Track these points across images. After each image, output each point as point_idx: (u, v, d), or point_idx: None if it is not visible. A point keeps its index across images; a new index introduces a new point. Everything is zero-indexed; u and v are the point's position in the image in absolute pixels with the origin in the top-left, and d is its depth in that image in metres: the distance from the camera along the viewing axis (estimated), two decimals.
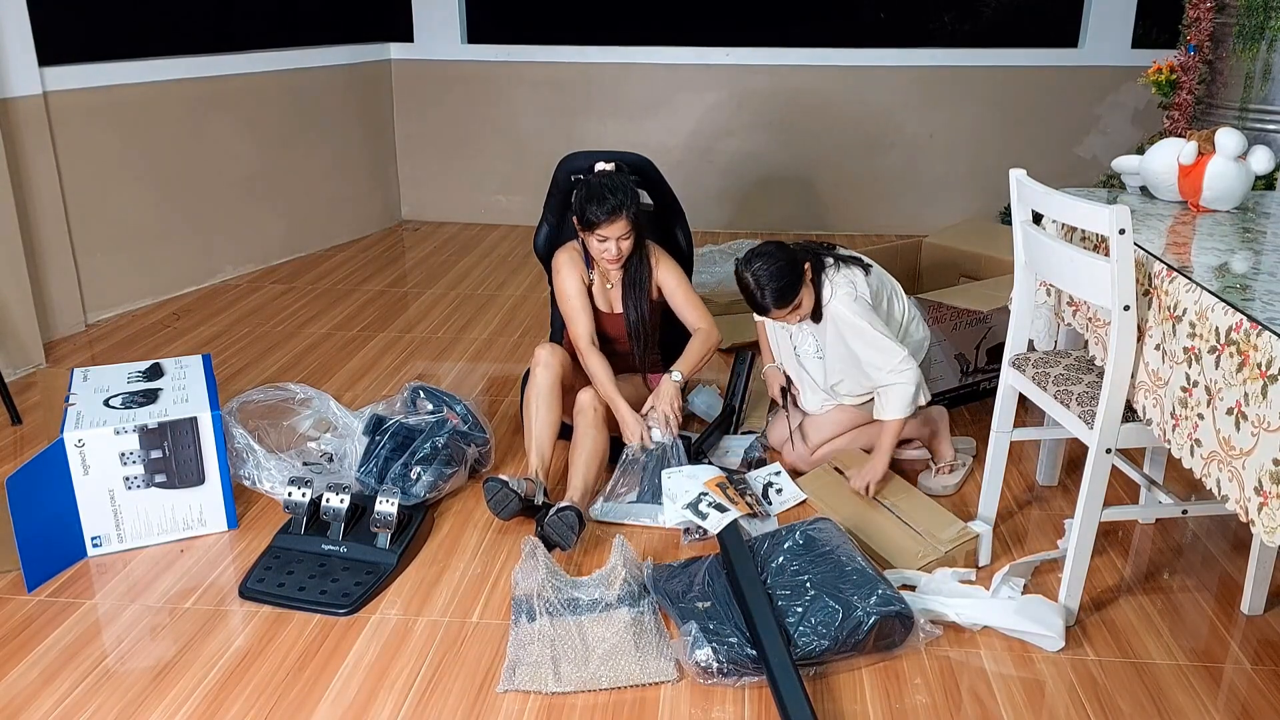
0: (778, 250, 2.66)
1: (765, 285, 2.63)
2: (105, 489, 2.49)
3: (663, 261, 2.97)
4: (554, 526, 2.46)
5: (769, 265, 2.63)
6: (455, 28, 5.79)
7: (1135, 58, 5.33)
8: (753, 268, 2.64)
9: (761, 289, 2.64)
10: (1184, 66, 4.03)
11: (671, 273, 2.97)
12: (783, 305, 2.67)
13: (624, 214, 2.75)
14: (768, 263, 2.63)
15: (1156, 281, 2.03)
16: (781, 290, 2.64)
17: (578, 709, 2.01)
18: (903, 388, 2.65)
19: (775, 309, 2.68)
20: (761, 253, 2.66)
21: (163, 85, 4.45)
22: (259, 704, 2.02)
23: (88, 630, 2.25)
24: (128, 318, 4.31)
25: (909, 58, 5.63)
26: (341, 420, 2.97)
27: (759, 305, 2.70)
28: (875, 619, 2.10)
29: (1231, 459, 1.77)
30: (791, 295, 2.66)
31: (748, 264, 2.66)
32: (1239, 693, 2.08)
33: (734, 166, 5.85)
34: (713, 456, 2.99)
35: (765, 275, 2.63)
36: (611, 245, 2.78)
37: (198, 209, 4.67)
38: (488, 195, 6.04)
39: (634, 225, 2.79)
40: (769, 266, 2.63)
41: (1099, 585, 2.43)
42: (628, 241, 2.80)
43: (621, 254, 2.82)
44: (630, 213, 2.76)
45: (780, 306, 2.67)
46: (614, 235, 2.76)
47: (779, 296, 2.65)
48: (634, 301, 2.93)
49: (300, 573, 2.43)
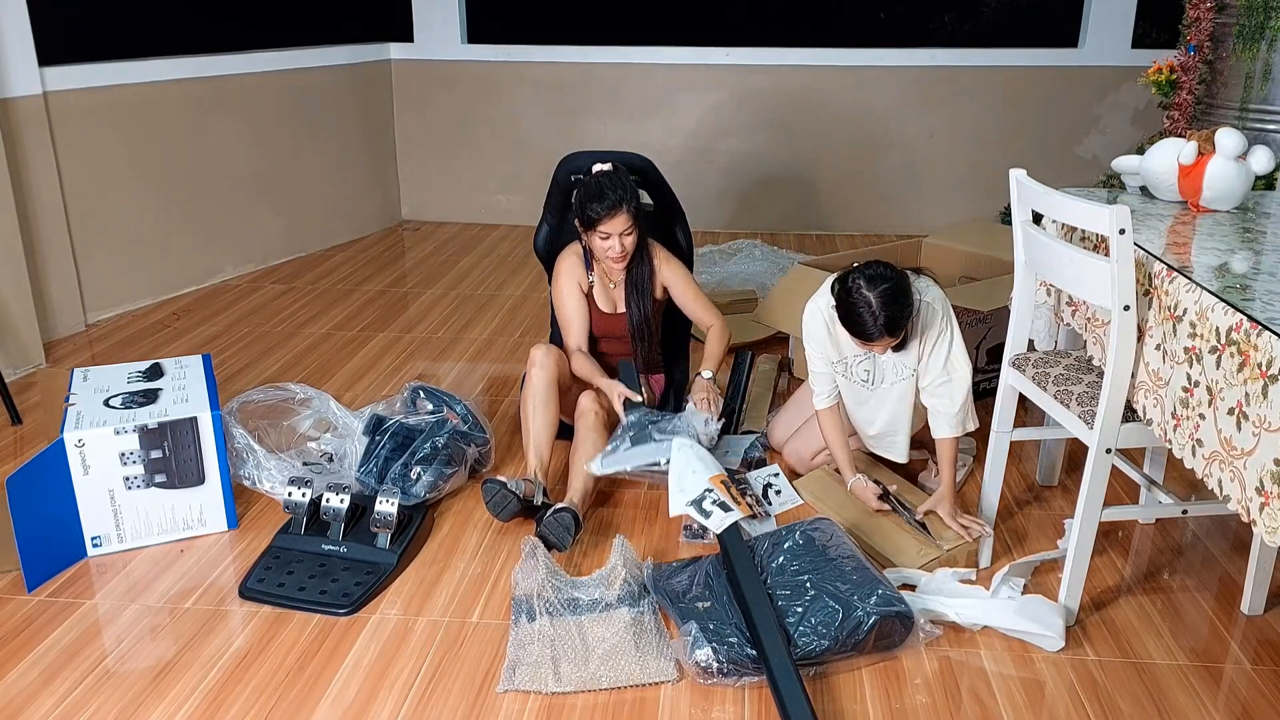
0: (899, 278, 2.39)
1: (883, 310, 2.35)
2: (105, 489, 2.49)
3: (667, 261, 2.97)
4: (550, 527, 2.46)
5: (889, 288, 2.36)
6: (455, 28, 5.79)
7: (1135, 58, 5.33)
8: (875, 288, 2.36)
9: (879, 313, 2.36)
10: (1184, 66, 4.03)
11: (677, 272, 2.97)
12: (893, 334, 2.41)
13: (624, 208, 2.74)
14: (889, 287, 2.36)
15: (1156, 281, 2.03)
16: (896, 320, 2.38)
17: (578, 709, 2.01)
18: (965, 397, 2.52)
19: (887, 336, 2.41)
20: (882, 276, 2.37)
21: (163, 85, 4.45)
22: (259, 704, 2.02)
23: (88, 630, 2.25)
24: (128, 318, 4.31)
25: (909, 58, 5.63)
26: (341, 420, 2.97)
27: (869, 330, 2.39)
28: (875, 619, 2.10)
29: (1233, 459, 1.77)
30: (903, 324, 2.42)
31: (869, 281, 2.37)
32: (1239, 693, 2.08)
33: (734, 166, 5.85)
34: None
35: (884, 300, 2.35)
36: (615, 242, 2.77)
37: (198, 209, 4.67)
38: (488, 195, 6.04)
39: (635, 221, 2.79)
40: (889, 290, 2.35)
41: (1099, 585, 2.43)
42: (631, 238, 2.79)
43: (626, 250, 2.80)
44: (631, 207, 2.76)
45: (892, 335, 2.41)
46: (616, 231, 2.75)
47: (892, 325, 2.38)
48: (637, 301, 2.92)
49: (300, 573, 2.43)
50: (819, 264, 3.74)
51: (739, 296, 4.36)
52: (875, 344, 2.45)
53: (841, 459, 2.68)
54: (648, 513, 2.76)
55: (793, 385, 3.51)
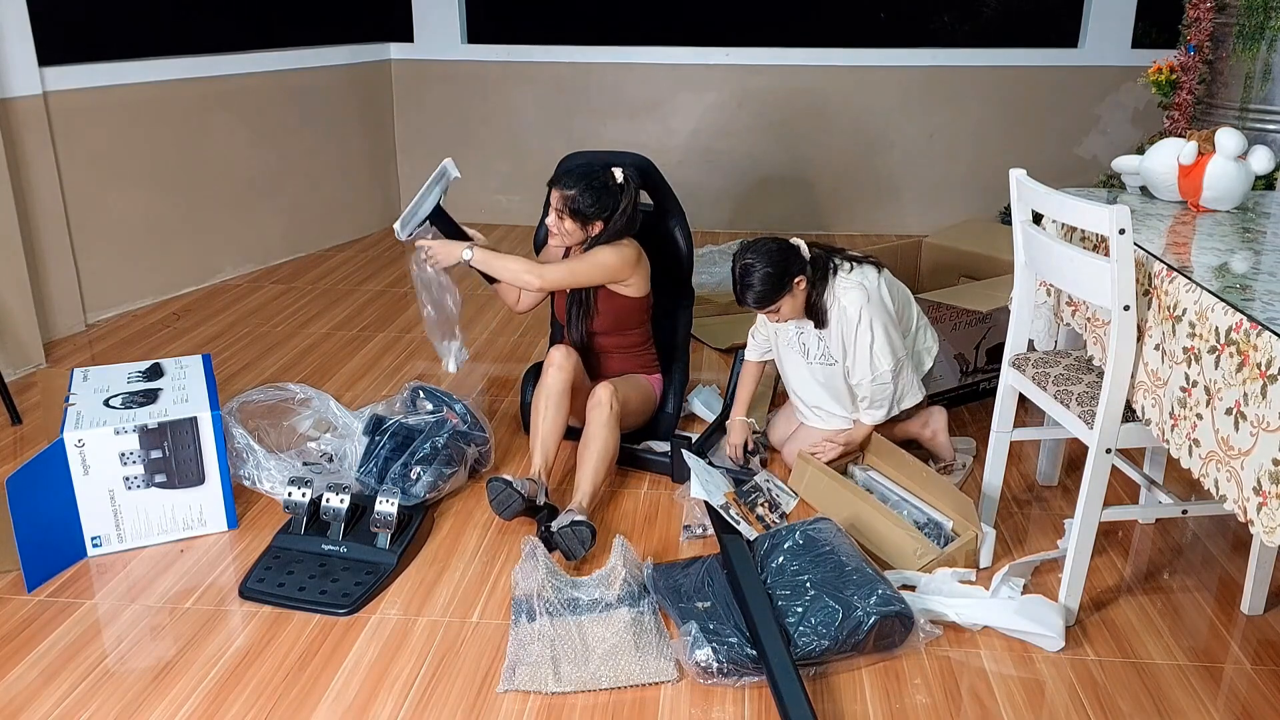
0: (775, 250, 2.66)
1: (749, 287, 2.65)
2: (105, 489, 2.49)
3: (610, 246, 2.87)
4: (565, 538, 2.45)
5: (759, 264, 2.63)
6: (455, 28, 5.79)
7: (1135, 58, 5.34)
8: (744, 259, 2.66)
9: (746, 289, 2.66)
10: (1184, 66, 4.03)
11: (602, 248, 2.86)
12: (761, 306, 2.69)
13: (562, 190, 2.80)
14: (759, 259, 2.64)
15: (1156, 281, 2.03)
16: (761, 294, 2.65)
17: (578, 709, 2.01)
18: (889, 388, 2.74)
19: (755, 307, 2.70)
20: (758, 248, 2.66)
21: (163, 85, 4.45)
22: (259, 704, 2.02)
23: (88, 630, 2.25)
24: (128, 318, 4.31)
25: (909, 58, 5.63)
26: (341, 420, 2.97)
27: (738, 298, 2.70)
28: (875, 619, 2.10)
29: (1230, 459, 1.77)
30: (772, 298, 2.66)
31: (742, 253, 2.68)
32: (1239, 693, 2.08)
33: (734, 166, 5.85)
34: (713, 456, 2.99)
35: (755, 276, 2.64)
36: (552, 214, 2.85)
37: (198, 209, 4.67)
38: (488, 195, 6.04)
39: (574, 212, 2.80)
40: (759, 265, 2.63)
41: (1099, 585, 2.43)
42: (563, 223, 2.83)
43: (556, 226, 2.85)
44: (569, 198, 2.78)
45: (759, 307, 2.69)
46: (553, 206, 2.84)
47: (759, 299, 2.66)
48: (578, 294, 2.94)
49: (300, 573, 2.43)
50: None
51: None
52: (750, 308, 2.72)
53: (740, 399, 3.00)
54: (648, 513, 2.76)
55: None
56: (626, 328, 2.99)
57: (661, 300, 3.10)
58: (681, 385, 3.15)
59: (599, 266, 2.84)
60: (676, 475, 2.88)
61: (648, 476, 2.95)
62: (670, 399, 3.09)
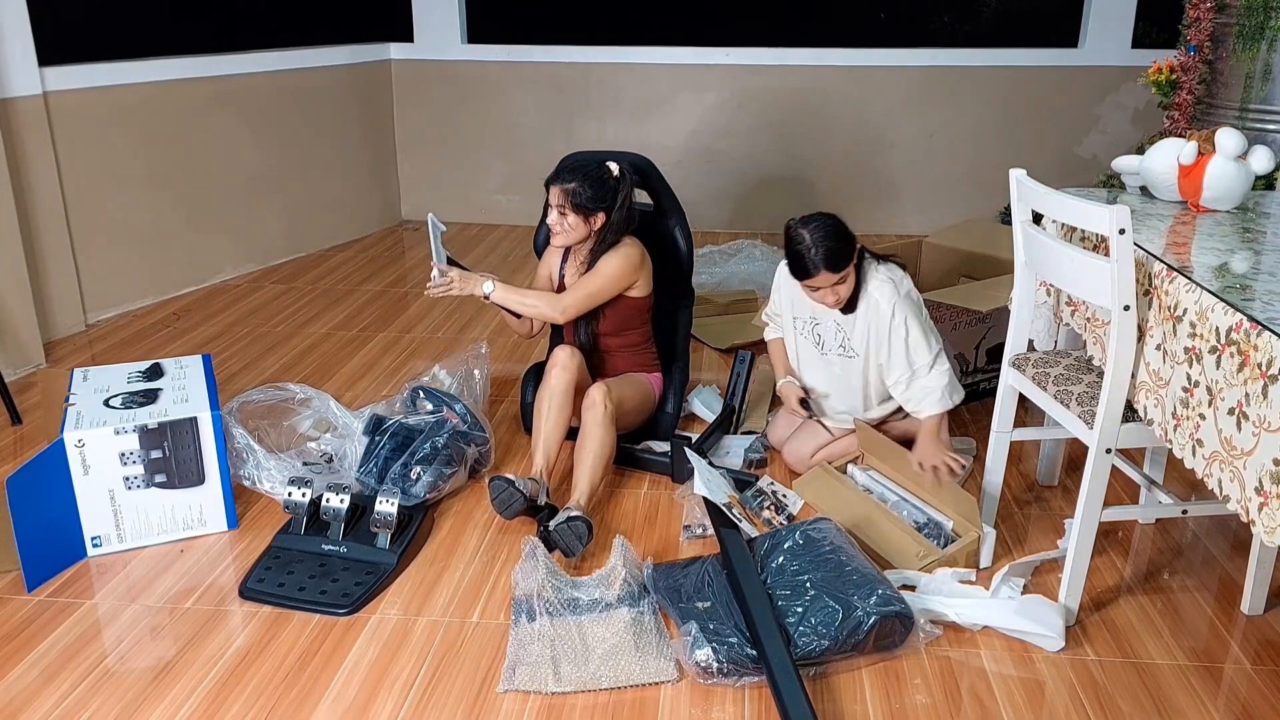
0: (835, 219, 2.63)
1: (819, 244, 2.57)
2: (105, 489, 2.49)
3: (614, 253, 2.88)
4: (563, 535, 2.45)
5: (825, 224, 2.59)
6: (455, 28, 5.79)
7: (1135, 58, 5.33)
8: (809, 225, 2.60)
9: (815, 246, 2.57)
10: (1184, 66, 4.03)
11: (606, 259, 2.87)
12: (833, 269, 2.59)
13: (561, 185, 2.80)
14: (824, 223, 2.60)
15: (1156, 281, 2.03)
16: (834, 252, 2.58)
17: (578, 709, 2.01)
18: (937, 380, 2.68)
19: (825, 269, 2.59)
20: (817, 216, 2.62)
21: (162, 85, 4.45)
22: (259, 704, 2.02)
23: (88, 630, 2.25)
24: (128, 318, 4.31)
25: (909, 58, 5.63)
26: (341, 420, 2.97)
27: (807, 264, 2.60)
28: (875, 619, 2.10)
29: (1233, 459, 1.77)
30: (844, 261, 2.60)
31: (804, 222, 2.61)
32: (1239, 693, 2.08)
33: (734, 166, 5.85)
34: (713, 456, 2.99)
35: (821, 234, 2.58)
36: (553, 212, 2.85)
37: (198, 209, 4.67)
38: (488, 195, 6.04)
39: (575, 206, 2.80)
40: (825, 225, 2.59)
41: (1099, 585, 2.43)
42: (565, 219, 2.83)
43: (559, 224, 2.84)
44: (569, 192, 2.79)
45: (830, 269, 2.59)
46: (554, 203, 2.83)
47: (831, 258, 2.58)
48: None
49: (300, 573, 2.43)
50: None
51: (739, 296, 4.36)
52: (815, 283, 2.63)
53: (779, 366, 2.99)
54: (648, 513, 2.76)
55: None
56: (630, 327, 3.00)
57: (661, 300, 3.11)
58: (681, 385, 3.15)
59: (610, 279, 2.86)
60: (677, 475, 2.88)
61: (648, 476, 2.95)
62: (670, 399, 3.09)
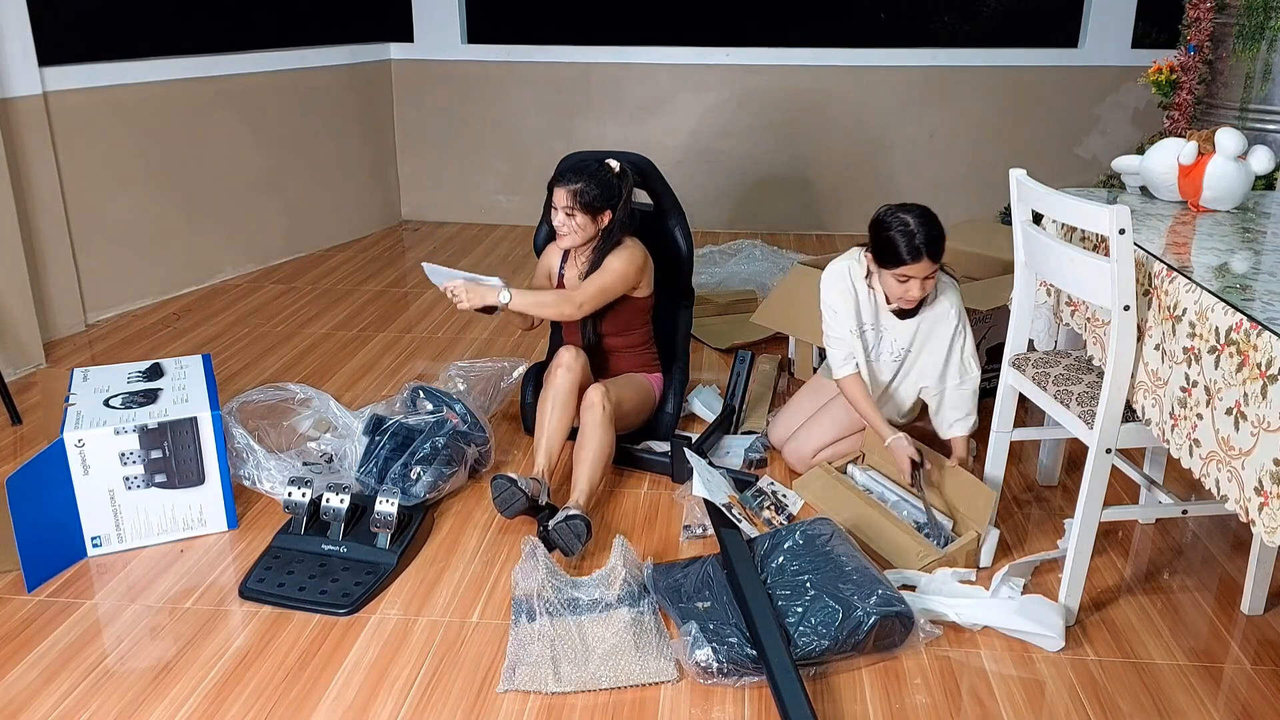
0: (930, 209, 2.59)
1: (923, 228, 2.51)
2: (105, 489, 2.49)
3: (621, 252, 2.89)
4: (561, 534, 2.45)
5: (927, 212, 2.56)
6: (455, 28, 5.79)
7: (1135, 58, 5.33)
8: (911, 212, 2.55)
9: (920, 231, 2.51)
10: (1184, 66, 4.03)
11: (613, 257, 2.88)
12: (934, 257, 2.55)
13: (567, 187, 2.78)
14: (926, 211, 2.56)
15: (1156, 281, 2.03)
16: (938, 239, 2.54)
17: (578, 709, 2.01)
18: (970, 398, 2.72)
19: (928, 257, 2.53)
20: (914, 205, 2.58)
21: (162, 85, 4.45)
22: (259, 704, 2.02)
23: (88, 630, 2.25)
24: (128, 318, 4.31)
25: (909, 58, 5.63)
26: (341, 420, 2.97)
27: (911, 249, 2.52)
28: (875, 619, 2.10)
29: (1231, 459, 1.77)
30: (942, 251, 2.57)
31: (903, 209, 2.56)
32: (1239, 693, 2.08)
33: (734, 166, 5.85)
34: (713, 456, 2.99)
35: (924, 220, 2.54)
36: (560, 214, 2.83)
37: (198, 209, 4.67)
38: (488, 195, 6.04)
39: (583, 206, 2.79)
40: (928, 213, 2.56)
41: (1099, 585, 2.43)
42: (572, 219, 2.82)
43: (566, 225, 2.83)
44: (576, 193, 2.78)
45: (932, 257, 2.55)
46: (560, 204, 2.82)
47: (936, 244, 2.54)
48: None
49: (300, 573, 2.43)
50: (819, 264, 3.73)
51: (739, 296, 4.36)
52: (910, 270, 2.53)
53: (876, 421, 2.68)
54: (648, 513, 2.76)
55: (792, 385, 3.52)
56: (632, 327, 3.01)
57: (661, 300, 3.11)
58: (681, 385, 3.15)
59: (620, 275, 2.86)
60: (676, 475, 2.88)
61: (647, 476, 2.95)
62: (670, 399, 3.09)
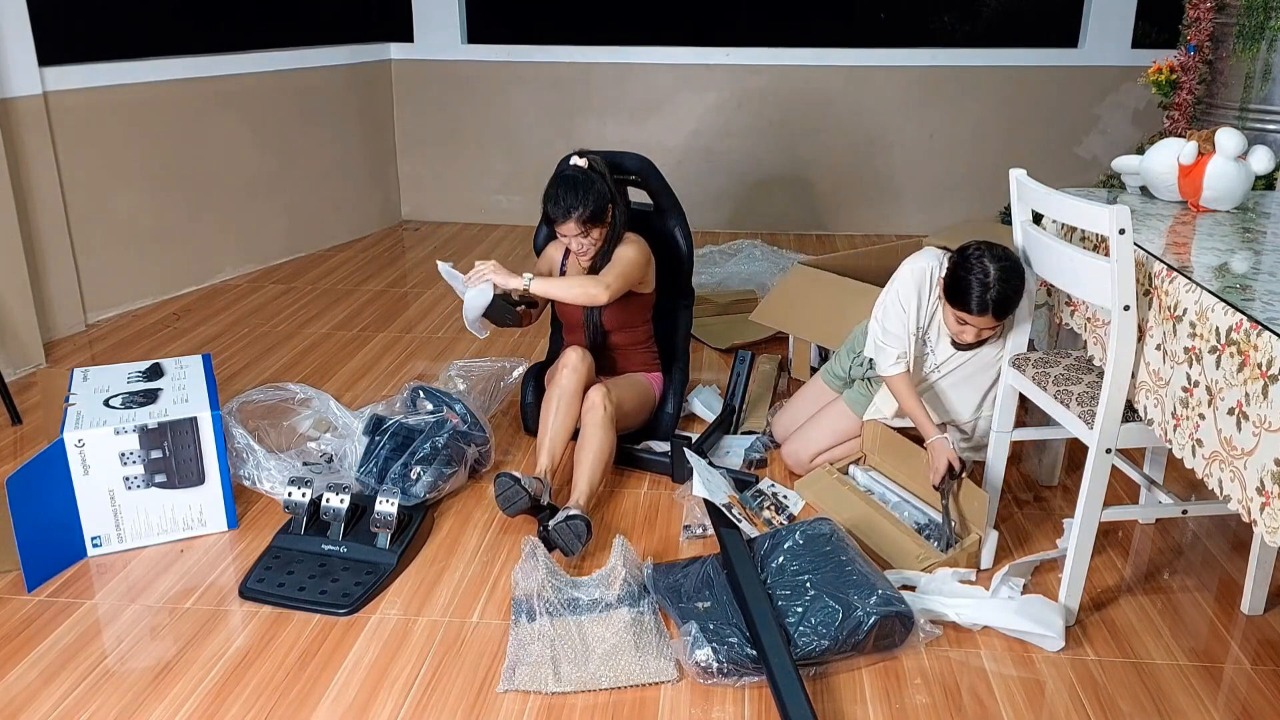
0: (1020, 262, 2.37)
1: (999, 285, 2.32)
2: (105, 489, 2.49)
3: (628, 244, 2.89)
4: (561, 534, 2.45)
5: (1014, 269, 2.33)
6: (455, 28, 5.79)
7: (1135, 58, 5.33)
8: (997, 261, 2.33)
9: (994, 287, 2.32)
10: (1184, 66, 4.03)
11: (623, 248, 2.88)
12: (999, 316, 2.39)
13: (573, 217, 2.75)
14: (1012, 266, 2.34)
15: (1156, 281, 2.03)
16: (1009, 301, 2.35)
17: (578, 709, 2.01)
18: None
19: (992, 315, 2.37)
20: (1005, 253, 2.35)
21: (162, 85, 4.45)
22: (259, 704, 2.02)
23: (88, 630, 2.25)
24: (128, 318, 4.31)
25: (909, 58, 5.63)
26: (341, 420, 2.97)
27: (976, 302, 2.35)
28: (875, 619, 2.10)
29: (1233, 459, 1.77)
30: (1011, 311, 2.41)
31: (991, 254, 2.34)
32: (1239, 693, 2.08)
33: (734, 166, 5.85)
34: (713, 456, 2.99)
35: (1004, 277, 2.33)
36: (572, 243, 2.83)
37: (198, 209, 4.67)
38: (488, 195, 6.04)
39: (588, 224, 2.77)
40: (1014, 270, 2.33)
41: (1099, 585, 2.43)
42: (587, 239, 2.81)
43: (584, 249, 2.84)
44: (582, 217, 2.75)
45: (998, 317, 2.39)
46: (569, 234, 2.80)
47: (1004, 306, 2.36)
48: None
49: (300, 573, 2.43)
50: (819, 264, 3.74)
51: (739, 296, 4.36)
52: (971, 320, 2.40)
53: (921, 418, 2.61)
54: (648, 513, 2.76)
55: (792, 385, 3.52)
56: (635, 324, 3.02)
57: (661, 300, 3.11)
58: (681, 385, 3.15)
59: (634, 264, 2.86)
60: (676, 475, 2.88)
61: (648, 476, 2.95)
62: (670, 399, 3.09)
